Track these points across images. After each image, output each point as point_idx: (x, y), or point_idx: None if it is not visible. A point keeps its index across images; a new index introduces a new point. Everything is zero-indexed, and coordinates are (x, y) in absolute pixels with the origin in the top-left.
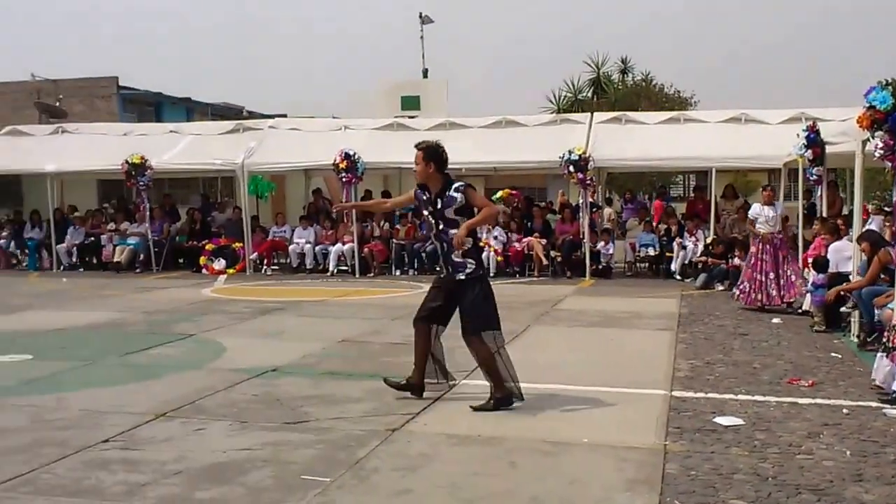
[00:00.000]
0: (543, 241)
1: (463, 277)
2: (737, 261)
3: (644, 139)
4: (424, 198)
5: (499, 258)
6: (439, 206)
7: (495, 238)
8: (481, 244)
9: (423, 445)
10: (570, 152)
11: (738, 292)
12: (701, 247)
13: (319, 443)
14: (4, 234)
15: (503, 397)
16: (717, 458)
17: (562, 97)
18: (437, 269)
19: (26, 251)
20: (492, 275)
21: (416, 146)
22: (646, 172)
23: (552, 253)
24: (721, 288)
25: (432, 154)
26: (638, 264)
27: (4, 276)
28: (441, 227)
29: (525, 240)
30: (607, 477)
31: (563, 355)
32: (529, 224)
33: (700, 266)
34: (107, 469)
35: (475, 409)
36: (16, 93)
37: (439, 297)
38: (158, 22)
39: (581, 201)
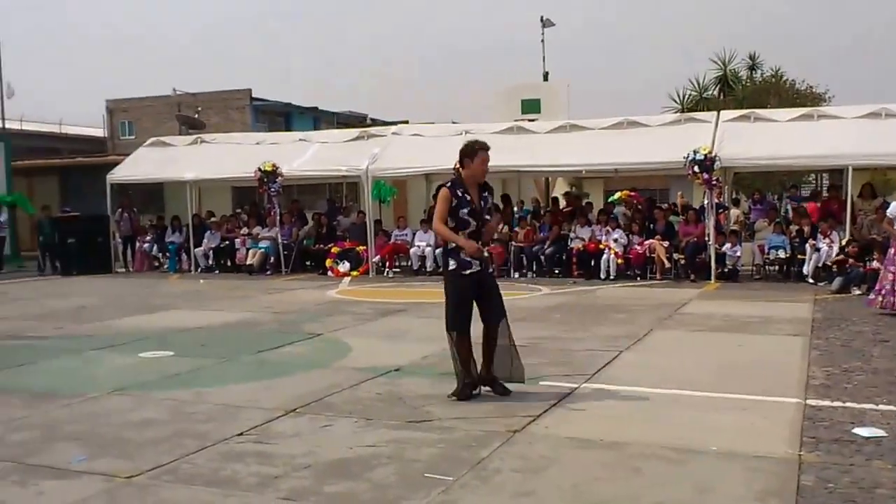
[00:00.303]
0: (666, 244)
1: (492, 271)
2: (875, 263)
3: (774, 137)
4: (467, 198)
5: (619, 260)
6: (483, 206)
7: (615, 240)
8: (601, 246)
9: (545, 448)
10: (694, 152)
11: (878, 297)
12: (836, 249)
13: (441, 442)
14: (148, 238)
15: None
16: (857, 471)
17: (686, 96)
18: (460, 267)
19: (167, 254)
20: (612, 277)
21: (486, 147)
22: (775, 172)
23: (675, 255)
24: (858, 292)
25: None
26: (767, 267)
27: (147, 278)
28: (479, 226)
29: (647, 242)
30: (736, 486)
31: (687, 360)
32: (651, 226)
33: (835, 269)
34: (242, 461)
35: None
36: (159, 106)
37: (473, 298)
38: (288, 36)
39: (706, 202)
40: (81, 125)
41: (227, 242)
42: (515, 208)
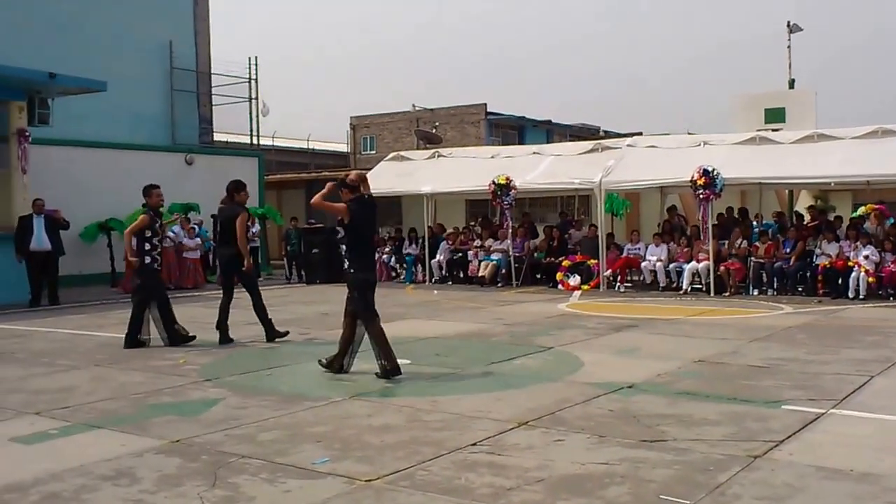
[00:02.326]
0: None
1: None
2: None
3: None
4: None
5: (870, 279)
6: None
7: (866, 257)
8: (850, 263)
9: (789, 476)
10: None
11: None
12: None
13: (677, 463)
14: (387, 249)
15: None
16: None
17: None
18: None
19: (404, 265)
20: (861, 296)
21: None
22: None
23: None
24: None
25: None
26: None
27: (385, 288)
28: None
29: None
30: None
31: None
32: None
33: None
34: (475, 471)
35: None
36: (399, 122)
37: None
38: (522, 51)
39: None
40: (327, 141)
41: (460, 254)
42: (754, 222)
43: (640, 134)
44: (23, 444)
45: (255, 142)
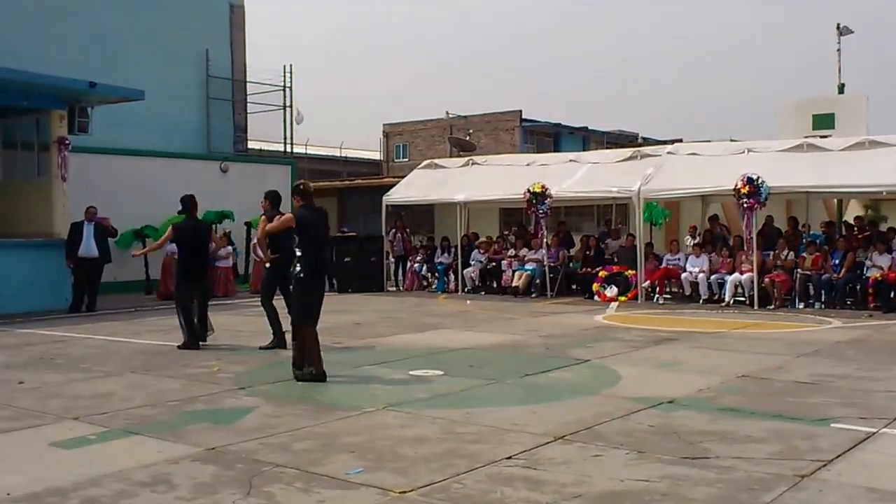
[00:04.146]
0: None
1: None
2: None
3: None
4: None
5: None
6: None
7: None
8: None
9: (838, 497)
10: None
11: None
12: None
13: (720, 482)
14: (419, 258)
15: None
16: None
17: None
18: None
19: (436, 274)
20: None
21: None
22: None
23: None
24: None
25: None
26: None
27: (417, 297)
28: None
29: None
30: None
31: None
32: None
33: None
34: (510, 485)
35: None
36: (432, 129)
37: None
38: (557, 57)
39: None
40: (360, 148)
41: (493, 264)
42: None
43: (681, 141)
44: (63, 449)
45: (288, 150)
